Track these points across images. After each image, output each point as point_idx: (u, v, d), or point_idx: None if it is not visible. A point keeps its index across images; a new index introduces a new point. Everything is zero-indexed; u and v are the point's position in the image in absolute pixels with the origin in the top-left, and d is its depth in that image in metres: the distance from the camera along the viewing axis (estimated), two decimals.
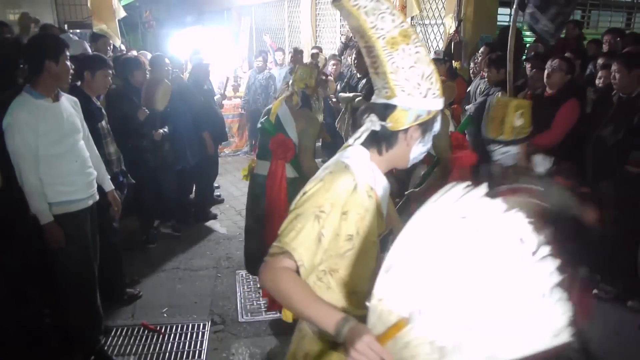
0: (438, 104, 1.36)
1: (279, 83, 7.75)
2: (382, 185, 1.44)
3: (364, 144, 1.40)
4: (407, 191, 3.23)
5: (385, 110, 1.33)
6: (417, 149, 1.41)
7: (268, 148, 3.15)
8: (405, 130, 1.35)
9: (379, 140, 1.37)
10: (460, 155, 3.25)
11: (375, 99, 1.37)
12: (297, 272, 1.28)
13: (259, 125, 3.30)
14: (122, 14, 6.61)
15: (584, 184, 3.77)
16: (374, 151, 1.40)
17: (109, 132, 3.44)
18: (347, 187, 1.32)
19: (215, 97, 5.73)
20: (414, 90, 1.30)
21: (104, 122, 3.39)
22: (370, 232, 1.40)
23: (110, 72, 3.46)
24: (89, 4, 6.30)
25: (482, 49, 4.97)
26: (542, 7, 3.55)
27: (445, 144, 3.19)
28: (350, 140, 1.41)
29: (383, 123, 1.33)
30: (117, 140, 3.55)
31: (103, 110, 3.44)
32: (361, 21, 1.26)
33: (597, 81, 4.01)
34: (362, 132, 1.36)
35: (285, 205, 3.00)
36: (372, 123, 1.34)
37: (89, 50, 4.43)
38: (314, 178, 1.37)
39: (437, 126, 1.41)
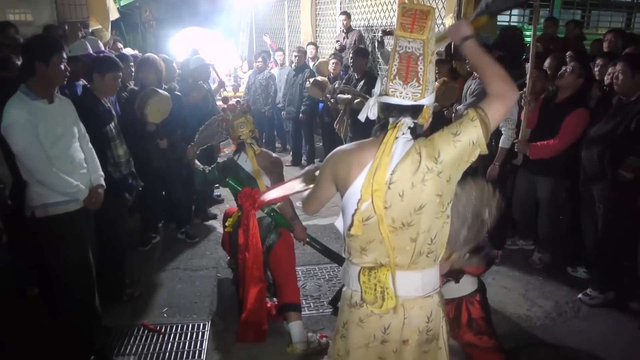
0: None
1: (279, 83, 7.78)
2: None
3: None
4: None
5: (416, 110, 1.58)
6: None
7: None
8: (427, 122, 1.64)
9: (413, 133, 1.61)
10: None
11: (400, 102, 1.56)
12: None
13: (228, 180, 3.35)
14: (115, 14, 6.67)
15: (577, 184, 3.82)
16: None
17: (119, 134, 3.39)
18: None
19: (214, 87, 5.76)
20: (430, 89, 1.58)
21: (112, 125, 3.35)
22: None
23: (120, 74, 3.43)
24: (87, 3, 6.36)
25: None
26: None
27: None
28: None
29: (415, 121, 1.59)
30: (131, 141, 3.51)
31: (113, 112, 3.42)
32: (426, 47, 1.52)
33: (605, 77, 3.91)
34: (405, 131, 1.59)
35: (257, 242, 3.08)
36: (407, 123, 1.58)
37: (90, 50, 4.40)
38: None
39: None
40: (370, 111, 1.64)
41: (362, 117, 1.69)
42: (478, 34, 1.70)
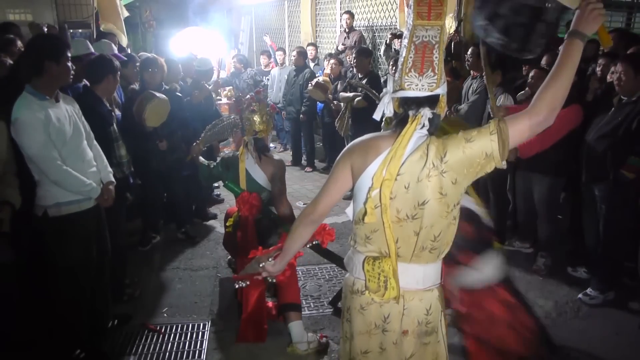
0: None
1: (279, 83, 7.79)
2: None
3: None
4: None
5: (433, 101, 1.58)
6: None
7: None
8: (444, 112, 1.63)
9: (432, 124, 1.60)
10: None
11: (417, 94, 1.56)
12: None
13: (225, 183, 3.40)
14: (125, 13, 6.64)
15: (579, 184, 3.80)
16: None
17: (120, 135, 3.41)
18: None
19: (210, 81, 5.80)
20: (444, 77, 1.58)
21: (114, 125, 3.36)
22: None
23: (119, 73, 3.46)
24: (95, 4, 6.32)
25: (470, 50, 4.94)
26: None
27: None
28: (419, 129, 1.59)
29: (434, 111, 1.58)
30: (131, 141, 3.53)
31: (113, 113, 3.43)
32: (442, 34, 1.56)
33: (608, 76, 3.84)
34: (425, 122, 1.57)
35: (255, 244, 3.03)
36: (426, 114, 1.57)
37: (92, 50, 4.39)
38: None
39: None
40: (386, 108, 1.65)
41: (377, 115, 1.70)
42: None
